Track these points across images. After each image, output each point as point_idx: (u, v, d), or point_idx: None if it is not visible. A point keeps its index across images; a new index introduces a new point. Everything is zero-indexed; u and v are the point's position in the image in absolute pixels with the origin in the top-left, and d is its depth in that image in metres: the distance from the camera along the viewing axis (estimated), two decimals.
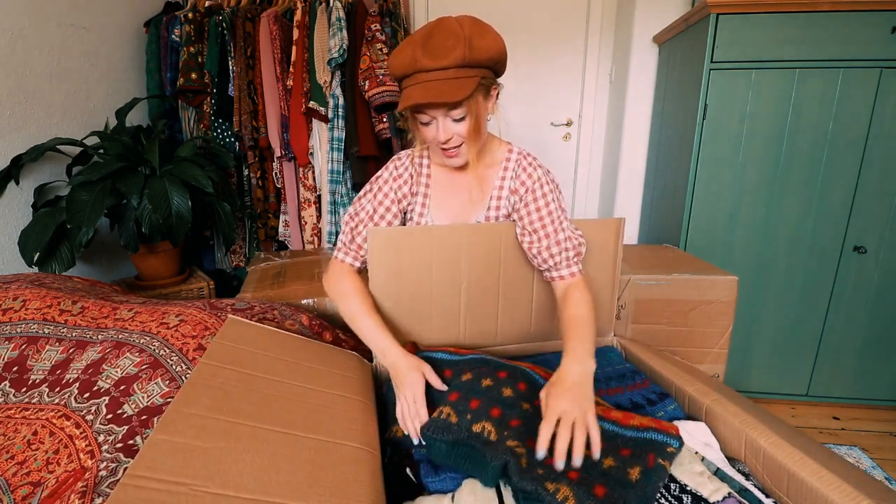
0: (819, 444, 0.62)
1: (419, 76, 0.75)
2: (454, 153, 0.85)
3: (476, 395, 0.71)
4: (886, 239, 1.46)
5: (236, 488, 0.45)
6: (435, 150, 0.89)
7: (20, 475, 0.65)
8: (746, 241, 1.54)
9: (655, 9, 1.81)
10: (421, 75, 0.74)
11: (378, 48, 1.73)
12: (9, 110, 1.39)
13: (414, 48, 0.74)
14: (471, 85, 0.75)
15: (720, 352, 0.93)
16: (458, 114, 0.78)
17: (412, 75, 0.76)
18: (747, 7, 1.35)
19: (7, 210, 1.41)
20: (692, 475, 0.59)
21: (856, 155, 1.42)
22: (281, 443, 0.54)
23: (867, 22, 1.32)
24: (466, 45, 0.73)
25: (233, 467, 0.48)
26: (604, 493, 0.55)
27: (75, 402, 0.74)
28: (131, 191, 1.38)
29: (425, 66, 0.73)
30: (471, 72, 0.75)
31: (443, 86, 0.73)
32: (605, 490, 0.56)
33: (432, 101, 0.74)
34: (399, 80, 0.79)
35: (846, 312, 1.54)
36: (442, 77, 0.74)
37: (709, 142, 1.47)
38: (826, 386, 1.62)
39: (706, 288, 0.90)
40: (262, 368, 0.66)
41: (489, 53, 0.75)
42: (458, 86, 0.74)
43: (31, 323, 0.89)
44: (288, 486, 0.48)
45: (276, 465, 0.50)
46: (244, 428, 0.54)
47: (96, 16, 1.69)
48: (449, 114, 0.78)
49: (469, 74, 0.75)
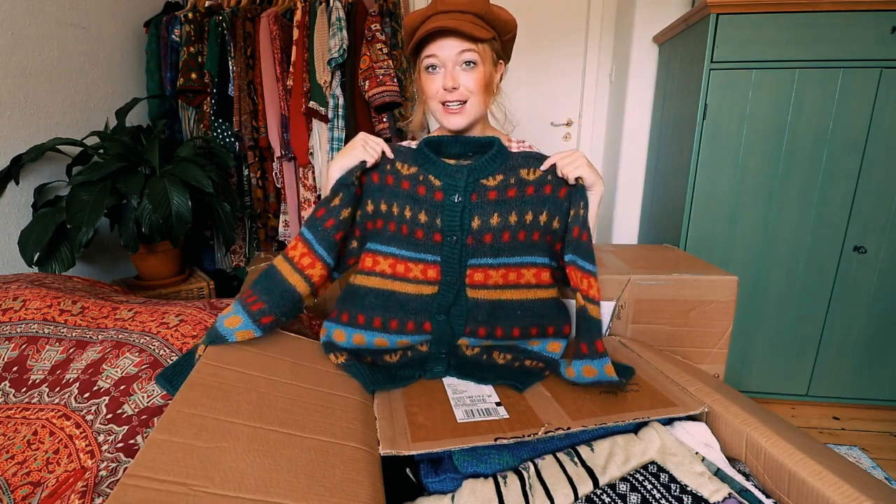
0: (821, 444, 0.62)
1: (438, 17, 0.80)
2: (457, 109, 0.86)
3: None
4: (886, 239, 1.46)
5: (236, 488, 0.45)
6: (436, 112, 0.89)
7: (20, 475, 0.65)
8: (746, 241, 1.54)
9: (655, 9, 1.81)
10: (440, 16, 0.80)
11: (378, 48, 1.73)
12: (9, 110, 1.39)
13: (433, 3, 0.82)
14: (488, 34, 0.82)
15: (720, 352, 0.93)
16: (470, 56, 0.82)
17: (431, 17, 0.81)
18: (747, 7, 1.35)
19: (7, 210, 1.41)
20: (692, 475, 0.59)
21: (856, 155, 1.42)
22: (281, 443, 0.53)
23: (867, 22, 1.32)
24: (484, 2, 0.81)
25: (233, 467, 0.48)
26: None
27: (75, 402, 0.74)
28: (131, 191, 1.38)
29: (446, 8, 0.80)
30: (487, 26, 0.82)
31: (463, 24, 0.79)
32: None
33: (455, 28, 0.78)
34: (414, 32, 0.84)
35: (846, 312, 1.54)
36: (461, 18, 0.80)
37: (709, 142, 1.47)
38: (826, 386, 1.62)
39: (706, 288, 0.90)
40: (262, 368, 0.66)
41: (503, 16, 0.84)
42: (477, 28, 0.80)
43: (31, 323, 0.89)
44: (288, 487, 0.48)
45: (277, 465, 0.50)
46: (244, 428, 0.54)
47: (96, 16, 1.69)
48: (461, 56, 0.82)
49: (485, 26, 0.82)
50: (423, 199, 0.78)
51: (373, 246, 0.80)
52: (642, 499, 0.57)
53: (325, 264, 0.77)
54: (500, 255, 0.78)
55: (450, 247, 0.77)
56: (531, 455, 0.62)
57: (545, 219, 0.79)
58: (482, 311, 0.77)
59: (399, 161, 0.81)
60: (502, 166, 0.79)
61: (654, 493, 0.57)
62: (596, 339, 0.72)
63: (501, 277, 0.78)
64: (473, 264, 0.78)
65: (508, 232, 0.78)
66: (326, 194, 0.79)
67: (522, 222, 0.79)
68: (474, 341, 0.78)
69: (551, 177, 0.79)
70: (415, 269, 0.77)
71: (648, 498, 0.56)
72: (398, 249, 0.78)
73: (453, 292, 0.77)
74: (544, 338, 0.79)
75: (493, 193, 0.79)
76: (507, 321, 0.77)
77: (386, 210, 0.80)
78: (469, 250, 0.78)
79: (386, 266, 0.78)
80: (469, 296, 0.77)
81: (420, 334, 0.77)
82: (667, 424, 0.68)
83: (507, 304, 0.78)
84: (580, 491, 0.57)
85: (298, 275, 0.75)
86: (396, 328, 0.76)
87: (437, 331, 0.77)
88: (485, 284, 0.78)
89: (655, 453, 0.62)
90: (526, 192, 0.79)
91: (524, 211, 0.79)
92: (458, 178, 0.78)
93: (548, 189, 0.79)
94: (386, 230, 0.80)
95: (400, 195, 0.79)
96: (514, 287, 0.78)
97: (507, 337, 0.78)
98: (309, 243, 0.76)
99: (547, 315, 0.79)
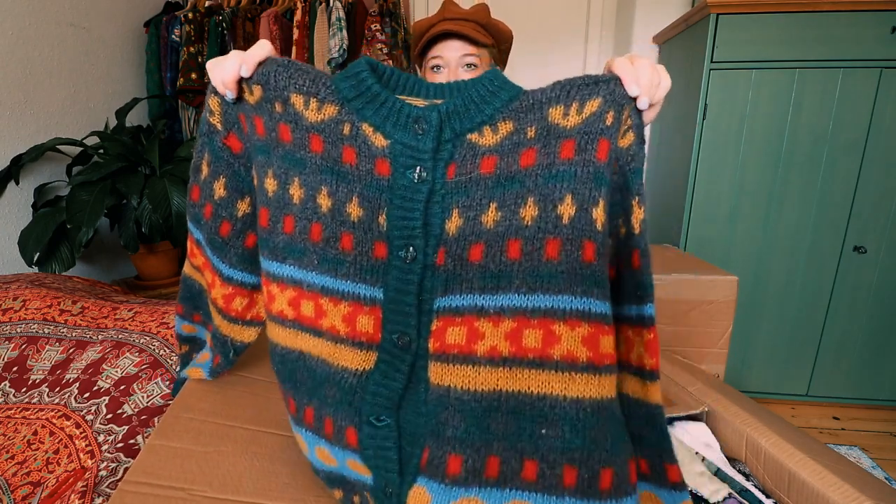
0: (821, 444, 0.62)
1: (445, 23, 0.86)
2: None
3: None
4: (886, 239, 1.46)
5: (234, 492, 0.45)
6: None
7: (20, 475, 0.65)
8: (746, 241, 1.54)
9: (655, 9, 1.81)
10: (446, 22, 0.86)
11: (378, 48, 1.73)
12: (9, 110, 1.39)
13: (440, 10, 0.89)
14: (488, 41, 0.88)
15: (720, 352, 0.93)
16: (471, 59, 0.88)
17: (438, 23, 0.88)
18: (747, 7, 1.35)
19: (7, 210, 1.41)
20: (693, 475, 0.59)
21: (856, 155, 1.42)
22: (279, 446, 0.53)
23: (867, 22, 1.32)
24: (485, 12, 0.89)
25: (231, 471, 0.48)
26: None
27: (75, 402, 0.74)
28: (131, 191, 1.38)
29: (452, 15, 0.87)
30: (487, 34, 0.89)
31: (466, 29, 0.85)
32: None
33: (459, 31, 0.84)
34: (422, 35, 0.90)
35: (846, 312, 1.54)
36: (465, 24, 0.86)
37: (709, 142, 1.47)
38: (826, 386, 1.62)
39: (706, 288, 0.90)
40: (260, 371, 0.66)
41: (501, 28, 0.91)
42: (479, 34, 0.86)
43: (31, 323, 0.89)
44: (287, 489, 0.48)
45: (275, 468, 0.50)
46: (242, 431, 0.54)
47: (96, 16, 1.69)
48: (464, 58, 0.88)
49: (486, 34, 0.88)
50: (352, 172, 0.43)
51: (265, 264, 0.45)
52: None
53: (239, 287, 0.53)
54: (503, 290, 0.39)
55: (401, 269, 0.43)
56: None
57: (602, 213, 0.39)
58: (458, 418, 0.39)
59: (301, 93, 0.43)
60: (509, 106, 0.42)
61: None
62: (665, 451, 0.42)
63: (507, 340, 0.39)
64: (446, 308, 0.41)
65: (520, 240, 0.39)
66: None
67: (553, 219, 0.39)
68: (438, 491, 0.39)
69: (612, 119, 0.40)
70: (333, 315, 0.42)
71: None
72: (305, 271, 0.43)
73: (404, 369, 0.43)
74: (591, 499, 0.37)
75: (491, 161, 0.42)
76: (512, 446, 0.39)
77: (277, 192, 0.44)
78: (438, 278, 0.42)
79: (285, 304, 0.44)
80: (433, 382, 0.41)
81: (341, 447, 0.44)
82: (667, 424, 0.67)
83: (517, 407, 0.39)
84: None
85: (221, 317, 0.54)
86: (311, 423, 0.45)
87: (371, 449, 0.43)
88: (468, 355, 0.40)
89: None
90: (558, 152, 0.40)
91: (556, 193, 0.39)
92: (422, 132, 0.43)
93: (604, 149, 0.39)
94: (277, 232, 0.44)
95: (306, 163, 0.43)
96: (537, 366, 0.38)
97: (508, 479, 0.38)
98: (214, 267, 0.53)
99: (604, 440, 0.38)
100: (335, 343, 0.43)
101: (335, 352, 0.43)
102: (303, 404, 0.45)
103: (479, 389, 0.39)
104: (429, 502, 0.39)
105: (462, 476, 0.38)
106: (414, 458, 0.41)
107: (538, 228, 0.39)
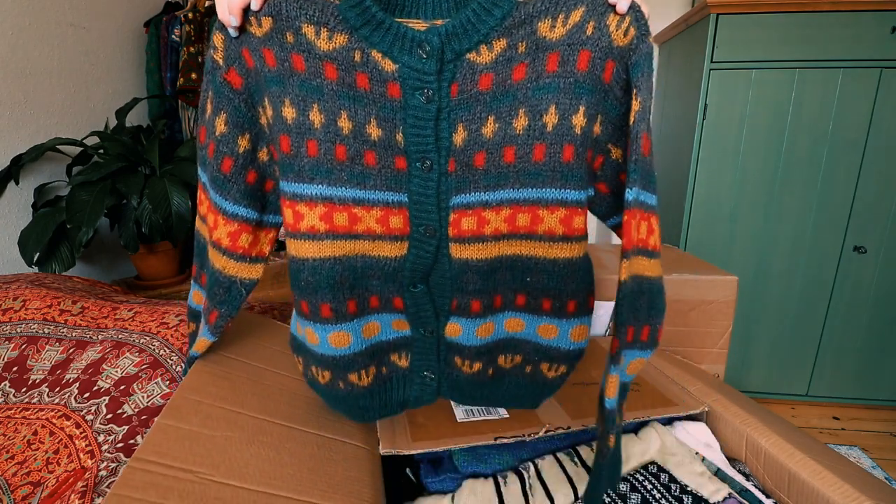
0: (821, 444, 0.62)
1: None
2: None
3: None
4: (886, 239, 1.46)
5: (241, 479, 0.45)
6: None
7: (20, 475, 0.65)
8: (746, 241, 1.54)
9: (655, 9, 1.81)
10: None
11: None
12: (9, 110, 1.39)
13: None
14: None
15: (720, 352, 0.93)
16: None
17: None
18: (747, 7, 1.35)
19: (7, 210, 1.41)
20: (693, 475, 0.59)
21: (856, 155, 1.42)
22: (285, 436, 0.54)
23: (867, 22, 1.32)
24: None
25: (237, 457, 0.48)
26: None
27: (75, 402, 0.74)
28: (131, 191, 1.38)
29: None
30: None
31: None
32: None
33: None
34: None
35: (846, 312, 1.54)
36: None
37: (709, 142, 1.47)
38: (826, 386, 1.62)
39: (706, 288, 0.90)
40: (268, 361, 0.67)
41: None
42: None
43: (31, 323, 0.89)
44: (292, 480, 0.48)
45: (280, 458, 0.50)
46: (249, 419, 0.54)
47: (96, 16, 1.69)
48: None
49: None
50: (367, 96, 0.49)
51: (289, 187, 0.50)
52: (642, 499, 0.57)
53: (244, 223, 0.55)
54: (502, 187, 0.51)
55: (420, 178, 0.51)
56: (531, 455, 0.62)
57: (582, 119, 0.47)
58: (474, 277, 0.54)
59: (312, 22, 0.47)
60: (504, 22, 0.48)
61: (654, 493, 0.57)
62: (656, 316, 0.49)
63: (505, 223, 0.52)
64: (459, 204, 0.52)
65: (514, 147, 0.49)
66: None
67: (540, 127, 0.48)
68: (466, 322, 0.57)
69: (592, 29, 0.45)
70: (367, 219, 0.51)
71: (648, 498, 0.56)
72: (334, 188, 0.49)
73: (431, 251, 0.54)
74: (561, 317, 0.56)
75: (488, 78, 0.49)
76: (510, 287, 0.56)
77: (297, 119, 0.48)
78: (451, 182, 0.52)
79: (316, 220, 0.50)
80: (454, 256, 0.54)
81: (389, 312, 0.57)
82: (667, 424, 0.68)
83: (512, 264, 0.54)
84: (580, 491, 0.57)
85: (227, 257, 0.57)
86: (355, 311, 0.55)
87: (413, 307, 0.57)
88: (478, 235, 0.53)
89: (656, 453, 0.62)
90: (545, 65, 0.47)
91: (543, 104, 0.47)
92: (426, 56, 0.48)
93: (585, 59, 0.46)
94: (302, 156, 0.48)
95: (322, 90, 0.47)
96: (527, 238, 0.52)
97: (507, 307, 0.58)
98: (217, 206, 0.55)
99: (571, 283, 0.54)
100: (373, 241, 0.53)
101: (373, 247, 0.53)
102: (330, 301, 0.53)
103: (487, 257, 0.53)
104: (460, 329, 0.57)
105: (481, 311, 0.56)
106: (445, 307, 0.57)
107: (528, 136, 0.48)
